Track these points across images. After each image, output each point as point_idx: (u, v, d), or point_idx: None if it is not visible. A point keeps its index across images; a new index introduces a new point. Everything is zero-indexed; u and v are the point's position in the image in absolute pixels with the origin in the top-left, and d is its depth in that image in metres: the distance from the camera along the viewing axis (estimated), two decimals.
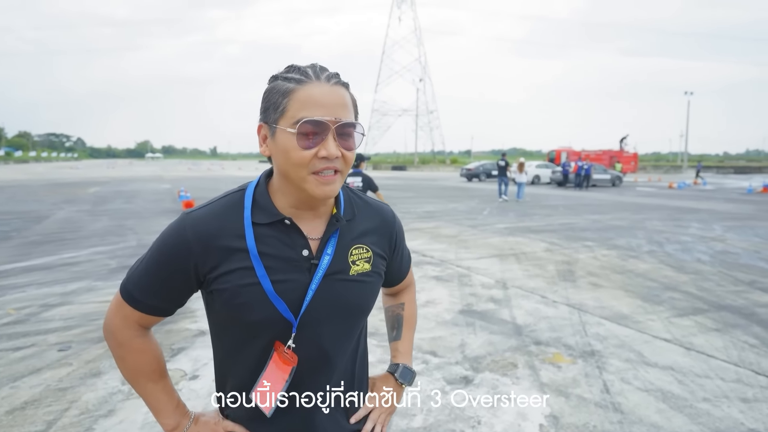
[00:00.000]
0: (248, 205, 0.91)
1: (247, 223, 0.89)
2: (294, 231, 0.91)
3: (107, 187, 21.36)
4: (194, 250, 0.87)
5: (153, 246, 0.92)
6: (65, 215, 11.44)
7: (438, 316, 4.37)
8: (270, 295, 0.87)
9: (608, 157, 37.00)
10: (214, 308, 0.93)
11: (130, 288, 0.92)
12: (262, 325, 0.89)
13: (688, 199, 17.50)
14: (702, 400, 2.89)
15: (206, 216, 0.90)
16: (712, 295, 5.15)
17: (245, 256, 0.88)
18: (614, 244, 8.12)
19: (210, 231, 0.89)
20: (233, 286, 0.87)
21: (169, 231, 0.91)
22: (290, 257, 0.90)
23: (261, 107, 0.89)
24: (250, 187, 0.94)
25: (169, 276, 0.89)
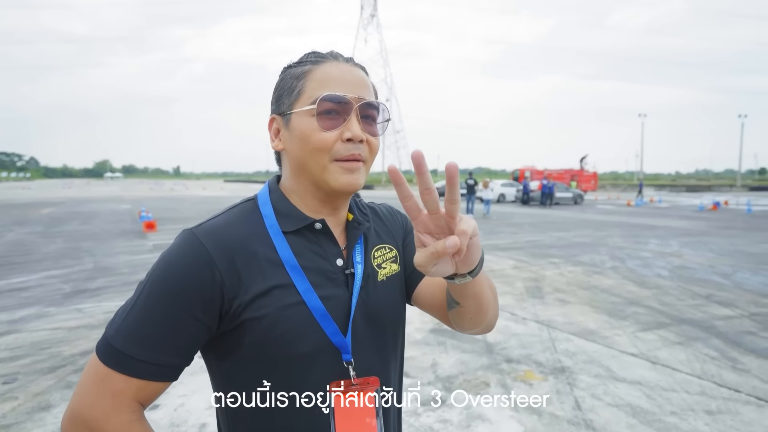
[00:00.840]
0: (269, 212, 0.75)
1: (275, 231, 0.74)
2: (325, 237, 0.77)
3: (62, 207, 20.43)
4: (219, 267, 0.68)
5: (153, 276, 0.69)
6: (15, 237, 10.83)
7: (409, 336, 4.32)
8: (319, 316, 0.71)
9: (569, 176, 38.32)
10: (239, 349, 0.70)
11: (122, 346, 0.66)
12: (308, 357, 0.71)
13: (646, 217, 18.22)
14: (670, 414, 2.93)
15: (222, 224, 0.73)
16: (673, 309, 5.31)
17: (281, 271, 0.71)
18: (579, 261, 8.31)
19: (231, 239, 0.71)
20: (274, 311, 0.69)
21: (176, 250, 0.70)
22: (326, 269, 0.75)
23: (273, 99, 0.79)
24: (261, 195, 0.79)
25: (186, 312, 0.67)
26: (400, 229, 0.92)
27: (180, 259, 0.68)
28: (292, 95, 0.75)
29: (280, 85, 0.78)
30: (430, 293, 0.86)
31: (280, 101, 0.77)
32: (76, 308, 5.14)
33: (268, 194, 0.78)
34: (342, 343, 0.73)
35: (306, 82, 0.74)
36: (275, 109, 0.78)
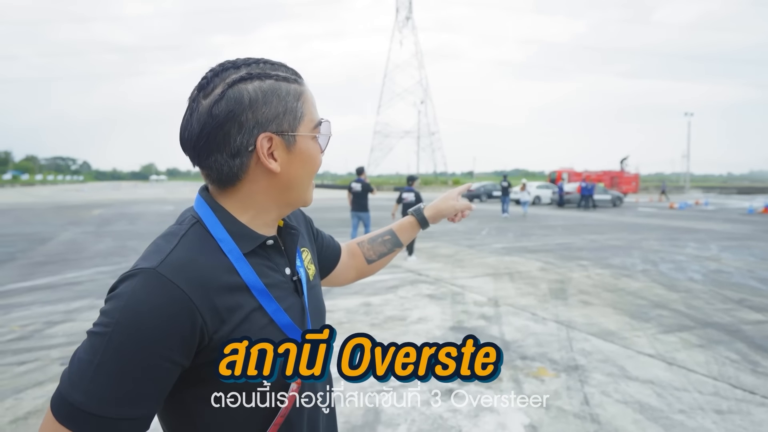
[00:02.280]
0: (224, 236, 0.72)
1: (236, 255, 0.72)
2: (275, 251, 0.80)
3: (111, 209, 21.65)
4: (197, 306, 0.65)
5: (119, 328, 0.61)
6: (69, 236, 11.64)
7: (428, 333, 4.49)
8: (288, 331, 0.75)
9: (609, 178, 37.24)
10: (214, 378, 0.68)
11: (96, 409, 0.60)
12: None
13: (688, 219, 17.60)
14: (678, 412, 2.99)
15: (186, 258, 0.68)
16: (700, 312, 5.25)
17: (249, 296, 0.72)
18: (609, 264, 8.22)
19: (202, 275, 0.67)
20: (253, 335, 0.70)
21: (145, 296, 0.63)
22: (281, 281, 0.78)
23: (262, 115, 0.71)
24: (206, 216, 0.74)
25: (165, 358, 0.63)
26: (309, 231, 1.00)
27: (155, 306, 0.63)
28: (297, 117, 0.74)
29: (274, 102, 0.71)
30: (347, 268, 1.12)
31: (279, 120, 0.72)
32: None
33: (213, 214, 0.74)
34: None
35: (304, 104, 0.75)
36: (276, 127, 0.72)
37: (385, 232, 1.15)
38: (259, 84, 0.71)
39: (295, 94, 0.74)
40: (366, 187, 8.77)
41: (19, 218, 16.66)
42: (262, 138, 0.71)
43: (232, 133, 0.70)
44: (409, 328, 4.64)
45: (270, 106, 0.71)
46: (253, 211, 0.76)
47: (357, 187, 8.75)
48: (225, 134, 0.70)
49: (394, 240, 1.15)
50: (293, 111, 0.73)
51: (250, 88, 0.70)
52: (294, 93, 0.74)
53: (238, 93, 0.70)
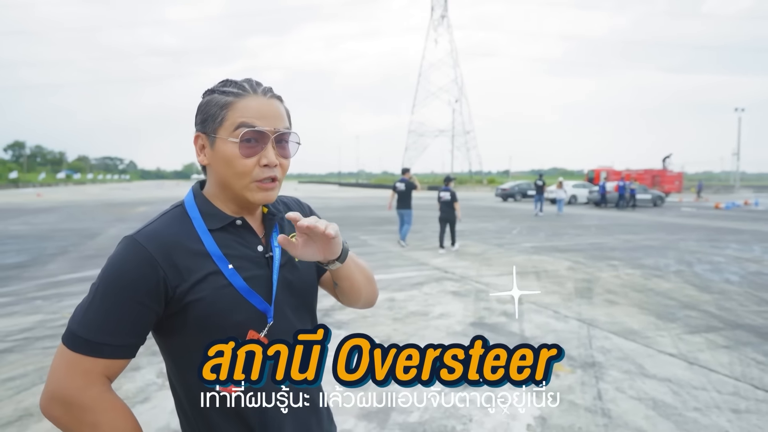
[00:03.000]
0: (196, 215, 0.91)
1: (202, 230, 0.90)
2: (246, 230, 0.94)
3: (154, 206, 22.65)
4: (160, 263, 0.84)
5: (104, 278, 0.84)
6: (116, 232, 12.33)
7: (449, 328, 4.59)
8: (245, 293, 0.89)
9: (650, 177, 35.95)
10: (185, 326, 0.87)
11: (86, 335, 0.81)
12: (242, 324, 0.88)
13: (733, 220, 16.85)
14: (692, 410, 2.99)
15: (157, 229, 0.88)
16: (731, 314, 5.12)
17: (210, 261, 0.88)
18: (640, 264, 8.06)
19: (168, 241, 0.86)
20: (210, 293, 0.86)
21: (122, 254, 0.85)
22: (249, 255, 0.92)
23: (197, 118, 0.93)
24: (188, 200, 0.95)
25: (137, 302, 0.83)
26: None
27: (127, 262, 0.84)
28: (216, 121, 0.89)
29: (204, 108, 0.91)
30: (329, 278, 1.08)
31: (205, 123, 0.90)
32: None
33: (193, 199, 0.94)
34: (266, 309, 0.91)
35: (229, 112, 0.88)
36: (201, 128, 0.91)
37: None
38: (208, 97, 0.92)
39: (222, 104, 0.89)
40: (409, 185, 9.64)
41: (71, 215, 17.72)
42: (196, 135, 0.94)
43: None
44: (431, 323, 4.75)
45: (203, 113, 0.91)
46: (218, 197, 0.94)
47: (401, 187, 9.64)
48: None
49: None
50: (215, 116, 0.89)
51: (203, 100, 0.93)
52: (222, 103, 0.89)
53: (200, 103, 0.93)
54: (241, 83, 0.92)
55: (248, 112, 0.88)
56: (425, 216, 16.57)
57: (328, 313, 4.95)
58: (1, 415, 2.90)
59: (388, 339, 4.25)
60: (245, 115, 0.88)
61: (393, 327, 4.62)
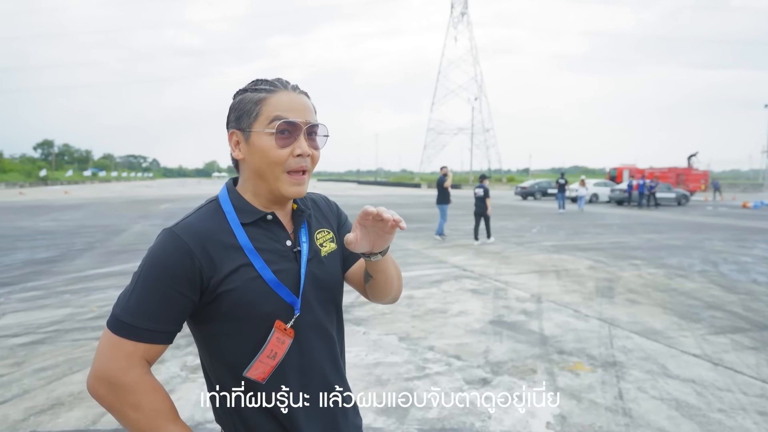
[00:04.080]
0: (229, 209, 0.96)
1: (235, 224, 0.94)
2: (276, 225, 0.99)
3: (177, 203, 23.07)
4: (197, 254, 0.89)
5: (145, 267, 0.89)
6: (140, 229, 12.62)
7: (468, 325, 4.59)
8: (274, 285, 0.93)
9: (675, 175, 35.14)
10: (218, 315, 0.92)
11: (128, 320, 0.87)
12: (271, 314, 0.93)
13: (762, 220, 16.37)
14: (717, 411, 2.94)
15: (193, 222, 0.93)
16: (758, 315, 4.99)
17: (242, 254, 0.92)
18: (664, 263, 7.90)
19: (203, 234, 0.91)
20: (241, 284, 0.91)
21: (161, 245, 0.90)
22: (278, 249, 0.97)
23: (231, 117, 0.98)
24: (222, 195, 1.00)
25: (175, 290, 0.88)
26: (334, 216, 1.15)
27: (166, 252, 0.89)
28: (251, 116, 0.94)
29: (238, 106, 0.96)
30: (357, 273, 1.12)
31: (240, 119, 0.96)
32: None
33: (227, 194, 0.99)
34: (293, 302, 0.96)
35: (263, 107, 0.94)
36: (235, 125, 0.97)
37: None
38: (241, 96, 0.98)
39: (256, 100, 0.94)
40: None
41: (97, 212, 18.18)
42: (231, 133, 0.98)
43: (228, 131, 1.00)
44: (449, 321, 4.76)
45: (237, 110, 0.97)
46: (250, 192, 0.99)
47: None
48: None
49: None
50: (249, 112, 0.94)
51: (236, 99, 0.98)
52: (256, 99, 0.94)
53: (232, 102, 0.99)
54: (272, 81, 0.98)
55: (281, 106, 0.94)
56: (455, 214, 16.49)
57: (348, 310, 5.00)
58: (34, 404, 3.02)
59: (407, 336, 4.27)
60: (279, 109, 0.94)
61: (412, 324, 4.64)
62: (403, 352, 3.91)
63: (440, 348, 3.99)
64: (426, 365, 3.65)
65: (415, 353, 3.88)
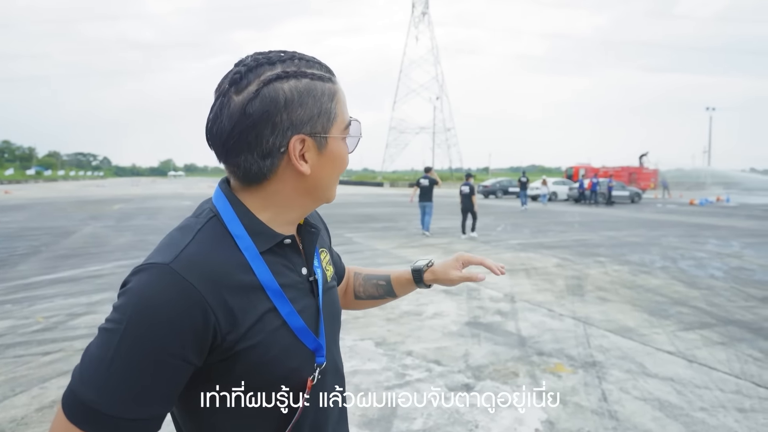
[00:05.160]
0: (241, 232, 0.70)
1: (252, 254, 0.69)
2: (291, 250, 0.76)
3: (131, 204, 22.03)
4: (212, 305, 0.63)
5: (130, 324, 0.59)
6: (91, 231, 11.89)
7: (444, 328, 4.49)
8: (300, 333, 0.72)
9: (627, 174, 36.66)
10: (227, 377, 0.67)
11: (107, 409, 0.58)
12: (296, 370, 0.72)
13: (709, 216, 17.24)
14: (699, 410, 2.94)
15: (200, 253, 0.65)
16: (721, 310, 5.15)
17: (264, 296, 0.69)
18: (627, 260, 8.11)
19: (217, 271, 0.65)
20: (264, 337, 0.67)
21: (158, 291, 0.61)
22: (297, 281, 0.75)
23: (295, 116, 0.68)
24: (223, 209, 0.72)
25: (179, 357, 0.61)
26: (324, 227, 0.97)
27: (166, 302, 0.60)
28: (330, 118, 0.72)
29: (309, 103, 0.69)
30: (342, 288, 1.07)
31: (313, 122, 0.70)
32: None
33: (232, 210, 0.71)
34: (317, 348, 0.75)
35: (337, 105, 0.73)
36: (309, 128, 0.69)
37: (382, 277, 1.09)
38: (295, 83, 0.68)
39: (329, 95, 0.71)
40: (432, 181, 11.19)
41: (43, 213, 17.06)
42: (295, 140, 0.69)
43: (265, 134, 0.67)
44: (425, 323, 4.64)
45: (305, 108, 0.69)
46: (275, 209, 0.74)
47: (425, 183, 11.21)
48: (257, 134, 0.67)
49: (387, 288, 1.08)
50: (327, 112, 0.71)
51: (285, 87, 0.67)
52: (329, 93, 0.71)
53: (274, 92, 0.66)
54: (316, 61, 0.74)
55: (345, 100, 0.76)
56: (407, 213, 16.49)
57: None
58: None
59: (383, 341, 4.12)
60: (346, 104, 0.76)
61: (387, 328, 4.49)
62: (381, 358, 3.75)
63: (419, 353, 3.86)
64: (406, 372, 3.51)
65: (394, 359, 3.74)
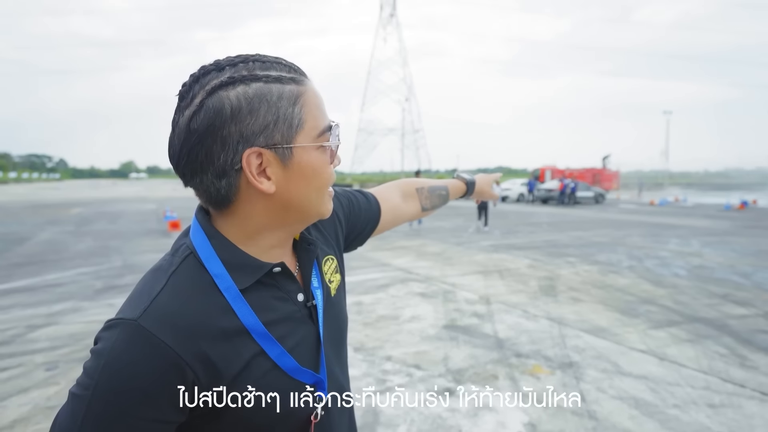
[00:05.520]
0: (219, 270, 0.62)
1: (233, 294, 0.62)
2: (284, 277, 0.68)
3: (90, 207, 21.18)
4: (189, 363, 0.57)
5: (101, 392, 0.54)
6: (48, 236, 11.34)
7: (422, 332, 4.47)
8: (295, 373, 0.65)
9: (591, 175, 37.81)
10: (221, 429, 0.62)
11: None
12: (292, 413, 0.65)
13: (668, 216, 17.94)
14: (672, 407, 3.02)
15: (173, 304, 0.59)
16: (687, 308, 5.34)
17: (249, 341, 0.62)
18: (595, 260, 8.32)
19: (192, 324, 0.58)
20: (252, 383, 0.61)
21: (127, 353, 0.55)
22: (291, 312, 0.68)
23: (248, 128, 0.59)
24: (201, 245, 0.64)
25: (156, 421, 0.56)
26: (332, 230, 0.87)
27: (135, 364, 0.54)
28: (293, 125, 0.62)
29: (263, 109, 0.60)
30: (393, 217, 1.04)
31: (270, 131, 0.60)
32: (108, 303, 5.45)
33: (208, 243, 0.64)
34: (318, 383, 0.68)
35: (304, 108, 0.63)
36: (265, 140, 0.60)
37: (442, 187, 1.18)
38: (243, 90, 0.59)
39: (290, 98, 0.61)
40: None
41: None
42: (248, 154, 0.60)
43: (215, 151, 0.59)
44: (403, 327, 4.62)
45: (257, 116, 0.59)
46: (254, 235, 0.66)
47: None
48: (207, 152, 0.59)
49: (446, 197, 1.20)
50: (288, 118, 0.61)
51: (232, 95, 0.58)
52: (289, 96, 0.61)
53: (219, 102, 0.58)
54: (284, 62, 0.65)
55: (320, 103, 0.66)
56: None
57: None
58: None
59: (362, 346, 4.07)
60: (320, 108, 0.65)
61: (365, 333, 4.44)
62: (360, 364, 3.70)
63: (398, 357, 3.83)
64: (386, 377, 3.47)
65: (373, 365, 3.69)
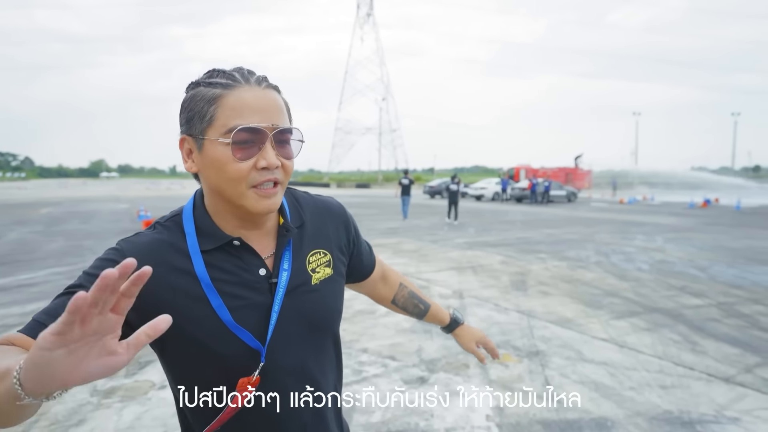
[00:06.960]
0: (191, 231, 0.81)
1: (194, 250, 0.79)
2: (246, 251, 0.82)
3: (60, 207, 20.65)
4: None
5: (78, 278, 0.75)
6: (17, 236, 11.08)
7: (397, 325, 4.63)
8: (231, 326, 0.78)
9: (564, 175, 38.73)
10: (167, 349, 0.80)
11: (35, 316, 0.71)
12: (230, 358, 0.78)
13: (636, 214, 18.60)
14: (628, 389, 3.26)
15: (146, 239, 0.80)
16: (647, 299, 5.64)
17: (197, 285, 0.78)
18: (565, 256, 8.64)
19: (155, 250, 0.78)
20: (194, 318, 0.77)
21: (99, 260, 0.76)
22: (247, 280, 0.81)
23: (181, 118, 0.79)
24: (186, 211, 0.84)
25: None
26: (340, 233, 0.98)
27: (101, 265, 0.74)
28: (204, 120, 0.76)
29: (189, 105, 0.78)
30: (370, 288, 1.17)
31: (191, 123, 0.78)
32: None
33: (192, 211, 0.83)
34: (258, 347, 0.79)
35: (218, 109, 0.75)
36: (186, 129, 0.79)
37: (424, 303, 1.26)
38: (191, 92, 0.79)
39: (210, 99, 0.76)
40: (410, 181, 15.46)
41: None
42: (181, 138, 0.81)
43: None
44: (378, 321, 4.77)
45: (187, 110, 0.78)
46: (218, 211, 0.82)
47: (405, 182, 15.34)
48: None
49: (423, 313, 1.25)
50: (201, 114, 0.76)
51: (186, 95, 0.79)
52: (210, 98, 0.76)
53: (183, 99, 0.80)
54: (231, 72, 0.78)
55: (241, 107, 0.75)
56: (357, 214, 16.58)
57: None
58: None
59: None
60: (237, 111, 0.75)
61: (342, 327, 4.52)
62: None
63: (374, 350, 3.98)
64: (362, 368, 3.61)
65: (350, 357, 3.83)
